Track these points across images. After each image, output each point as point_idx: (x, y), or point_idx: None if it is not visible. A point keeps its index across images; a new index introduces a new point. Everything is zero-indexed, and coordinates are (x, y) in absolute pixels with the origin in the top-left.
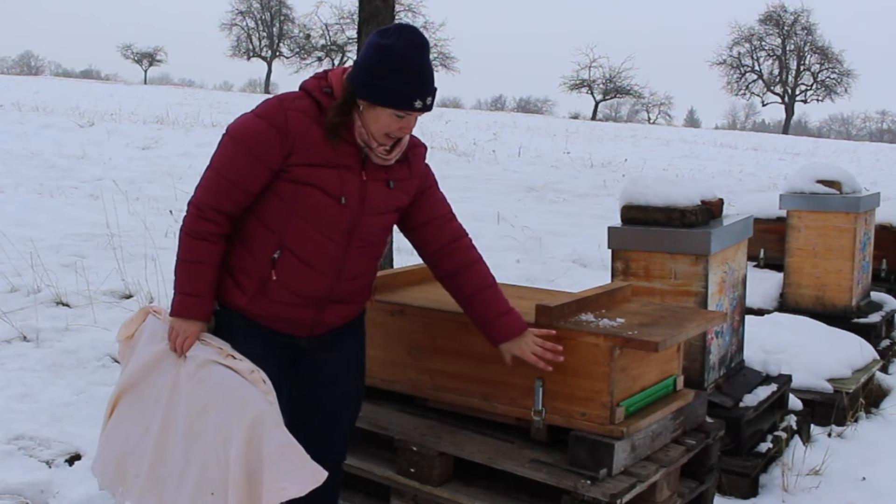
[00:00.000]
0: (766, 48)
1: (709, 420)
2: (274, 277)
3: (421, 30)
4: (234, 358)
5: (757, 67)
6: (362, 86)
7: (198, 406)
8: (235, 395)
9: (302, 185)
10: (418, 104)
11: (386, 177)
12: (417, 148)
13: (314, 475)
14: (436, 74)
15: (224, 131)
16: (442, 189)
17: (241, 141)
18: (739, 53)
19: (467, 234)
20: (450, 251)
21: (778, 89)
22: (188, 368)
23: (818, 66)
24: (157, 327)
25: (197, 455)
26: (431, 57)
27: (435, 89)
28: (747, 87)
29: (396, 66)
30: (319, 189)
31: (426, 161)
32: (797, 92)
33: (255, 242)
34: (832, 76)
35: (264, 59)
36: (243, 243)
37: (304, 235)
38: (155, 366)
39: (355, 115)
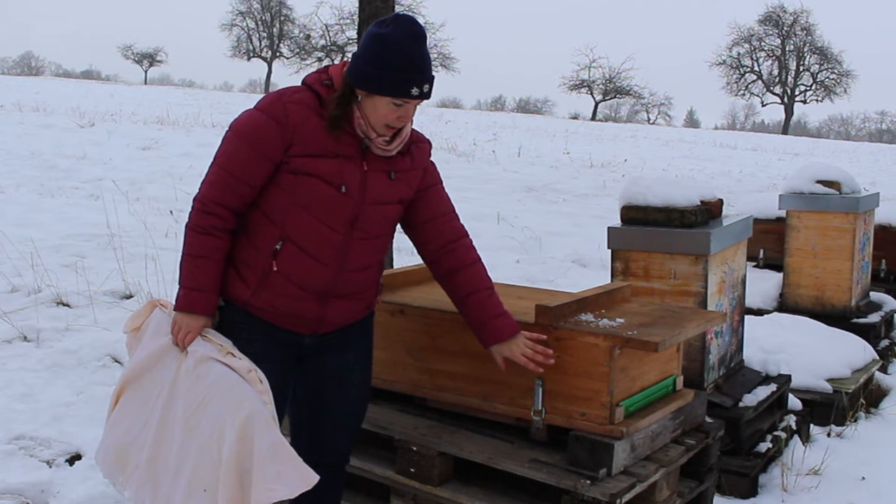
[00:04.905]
0: (766, 49)
1: (708, 420)
2: (275, 268)
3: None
4: (234, 356)
5: (756, 68)
6: (359, 75)
7: (195, 402)
8: (230, 392)
9: (302, 174)
10: (415, 91)
11: (388, 168)
12: (422, 143)
13: (305, 478)
14: (436, 75)
15: (227, 128)
16: None
17: (243, 136)
18: (739, 54)
19: (468, 235)
20: (450, 250)
21: (777, 90)
22: (187, 364)
23: (817, 66)
24: (162, 321)
25: (192, 450)
26: (432, 57)
27: (432, 77)
28: (747, 87)
29: (392, 54)
30: (319, 178)
31: (431, 159)
32: (796, 92)
33: (259, 234)
34: (831, 76)
35: (264, 59)
36: (247, 236)
37: (306, 225)
38: (159, 359)
39: (354, 107)
